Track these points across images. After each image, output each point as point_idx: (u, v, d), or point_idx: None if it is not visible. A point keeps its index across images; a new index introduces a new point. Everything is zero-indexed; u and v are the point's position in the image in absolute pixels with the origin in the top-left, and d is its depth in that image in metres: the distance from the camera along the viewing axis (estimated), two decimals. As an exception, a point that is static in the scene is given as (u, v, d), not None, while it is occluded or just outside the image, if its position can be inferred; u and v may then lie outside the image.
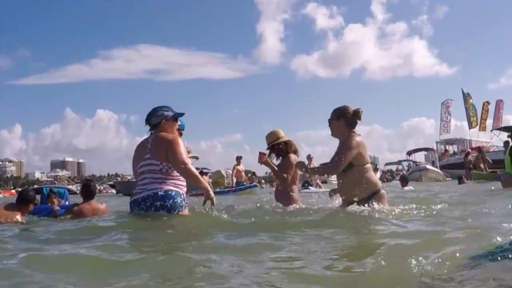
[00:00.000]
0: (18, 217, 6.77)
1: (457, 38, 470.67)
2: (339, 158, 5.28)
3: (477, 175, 22.27)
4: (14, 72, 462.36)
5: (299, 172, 6.84)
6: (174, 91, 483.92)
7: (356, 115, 5.44)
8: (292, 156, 6.65)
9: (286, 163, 6.65)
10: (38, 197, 8.56)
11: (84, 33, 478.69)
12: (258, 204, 7.29)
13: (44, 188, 8.98)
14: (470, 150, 31.04)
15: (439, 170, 27.64)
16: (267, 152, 6.74)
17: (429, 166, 28.81)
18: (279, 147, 6.69)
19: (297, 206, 6.42)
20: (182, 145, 5.09)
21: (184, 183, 5.23)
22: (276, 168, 6.62)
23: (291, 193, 6.59)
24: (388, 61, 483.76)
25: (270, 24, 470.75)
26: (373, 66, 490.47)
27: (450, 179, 26.26)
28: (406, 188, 14.28)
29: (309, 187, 18.19)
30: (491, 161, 24.29)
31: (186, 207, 5.17)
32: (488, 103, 43.26)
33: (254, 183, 23.79)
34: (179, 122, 5.54)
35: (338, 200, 5.85)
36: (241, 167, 22.63)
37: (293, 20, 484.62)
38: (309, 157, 18.35)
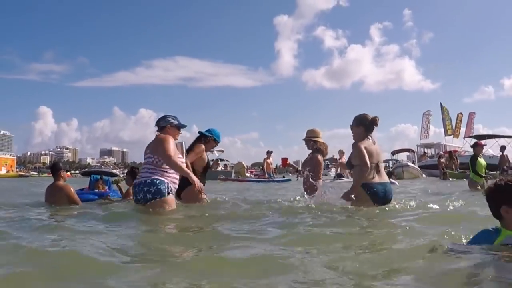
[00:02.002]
0: (76, 196, 6.63)
1: (440, 59, 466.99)
2: (362, 162, 5.10)
3: (450, 174, 22.14)
4: (73, 76, 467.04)
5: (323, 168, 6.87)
6: (204, 96, 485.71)
7: (373, 123, 5.38)
8: (320, 157, 6.67)
9: (314, 161, 6.67)
10: (86, 180, 8.62)
11: (131, 46, 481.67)
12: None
13: (92, 176, 8.90)
14: (442, 153, 30.78)
15: (418, 168, 27.43)
16: (287, 160, 6.76)
17: (410, 164, 28.56)
18: (315, 143, 6.68)
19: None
20: (171, 143, 5.28)
21: (174, 174, 5.32)
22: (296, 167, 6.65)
23: (316, 187, 6.48)
24: (382, 77, 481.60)
25: (286, 43, 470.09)
26: (369, 80, 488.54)
27: (425, 176, 26.08)
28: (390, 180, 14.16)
29: (342, 178, 17.97)
30: (458, 161, 24.48)
31: (170, 194, 5.24)
32: (461, 114, 43.19)
33: (288, 178, 23.49)
34: (176, 124, 5.63)
35: None
36: (270, 160, 22.19)
37: (305, 40, 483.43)
38: (340, 152, 17.62)
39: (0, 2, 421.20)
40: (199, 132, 6.44)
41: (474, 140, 30.88)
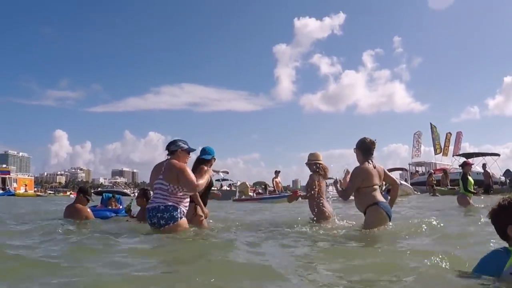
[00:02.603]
0: (90, 212, 6.96)
1: (429, 82, 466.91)
2: (348, 188, 5.27)
3: (440, 191, 22.11)
4: (87, 102, 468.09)
5: (324, 187, 6.65)
6: (208, 120, 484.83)
7: (372, 145, 5.38)
8: (316, 177, 6.52)
9: (310, 181, 6.61)
10: (98, 198, 8.79)
11: (140, 74, 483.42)
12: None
13: (104, 194, 8.99)
14: (433, 171, 30.76)
15: (410, 186, 27.36)
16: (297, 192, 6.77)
17: (403, 182, 28.50)
18: (317, 166, 6.55)
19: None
20: (189, 171, 5.25)
21: (186, 200, 5.27)
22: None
23: (322, 208, 6.38)
24: (375, 100, 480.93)
25: (285, 69, 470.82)
26: (363, 103, 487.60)
27: (418, 193, 25.99)
28: None
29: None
30: (449, 178, 24.10)
31: (182, 218, 5.16)
32: (450, 134, 43.02)
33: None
34: (186, 148, 5.47)
35: None
36: (278, 179, 21.70)
37: (302, 67, 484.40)
38: (346, 171, 17.45)
39: (19, 34, 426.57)
40: (199, 157, 6.21)
41: (462, 159, 31.02)
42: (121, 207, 8.19)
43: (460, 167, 11.80)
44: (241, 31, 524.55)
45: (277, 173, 21.79)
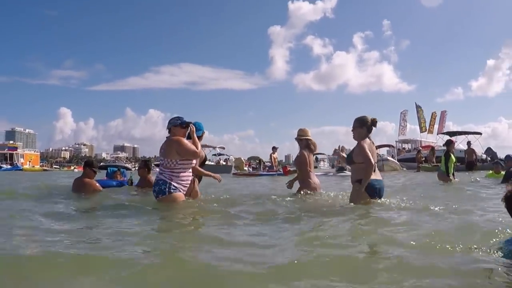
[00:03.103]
0: (98, 185, 7.06)
1: (415, 64, 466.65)
2: (367, 160, 4.98)
3: (424, 167, 22.29)
4: (90, 81, 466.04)
5: (312, 161, 6.82)
6: (206, 98, 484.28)
7: (373, 124, 5.26)
8: (305, 153, 6.63)
9: (302, 158, 6.67)
10: (103, 172, 9.06)
11: (141, 54, 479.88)
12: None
13: (109, 168, 9.37)
14: (421, 148, 30.92)
15: (397, 162, 27.55)
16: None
17: (390, 158, 28.69)
18: (306, 141, 6.67)
19: (308, 191, 6.42)
20: (185, 141, 5.27)
21: (182, 175, 5.26)
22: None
23: (308, 179, 6.58)
24: (364, 80, 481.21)
25: (279, 50, 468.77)
26: (353, 83, 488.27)
27: (405, 169, 26.20)
28: None
29: (344, 171, 17.35)
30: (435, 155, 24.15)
31: (172, 193, 5.14)
32: (435, 113, 43.11)
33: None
34: (179, 123, 5.42)
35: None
36: (275, 155, 21.61)
37: (296, 48, 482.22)
38: (343, 148, 17.18)
39: (26, 17, 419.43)
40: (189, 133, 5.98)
41: (446, 137, 31.13)
42: (125, 179, 8.62)
43: (444, 146, 11.77)
44: (238, 13, 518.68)
45: (274, 149, 21.61)
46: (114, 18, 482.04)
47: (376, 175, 5.12)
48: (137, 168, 9.70)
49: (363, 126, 5.23)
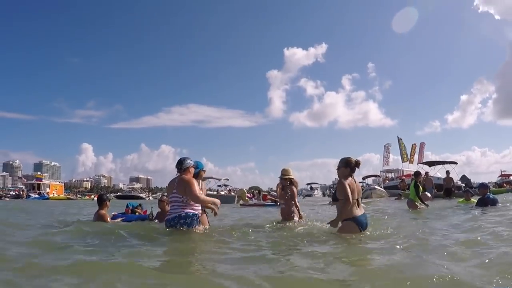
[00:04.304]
0: (108, 219, 6.97)
1: (397, 101, 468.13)
2: (346, 198, 4.90)
3: (405, 194, 22.06)
4: (109, 120, 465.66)
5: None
6: (211, 135, 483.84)
7: (357, 165, 5.20)
8: (295, 189, 6.89)
9: (292, 193, 6.83)
10: (120, 202, 8.91)
11: (154, 96, 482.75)
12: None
13: (129, 203, 9.13)
14: (403, 177, 30.80)
15: (383, 189, 27.38)
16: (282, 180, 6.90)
17: (377, 187, 28.53)
18: (291, 180, 6.86)
19: (297, 219, 6.64)
20: (195, 184, 5.17)
21: (199, 207, 5.28)
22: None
23: (293, 213, 6.75)
24: (352, 117, 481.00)
25: (276, 91, 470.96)
26: (342, 119, 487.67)
27: (388, 196, 26.00)
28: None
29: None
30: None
31: (199, 224, 5.19)
32: (415, 145, 43.16)
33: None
34: (193, 165, 5.46)
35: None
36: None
37: (291, 89, 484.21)
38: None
39: (52, 64, 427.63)
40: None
41: (426, 166, 31.09)
42: (142, 211, 8.52)
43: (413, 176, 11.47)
44: (240, 60, 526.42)
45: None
46: (130, 66, 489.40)
47: (360, 210, 5.05)
48: (150, 197, 9.60)
49: (347, 167, 5.18)
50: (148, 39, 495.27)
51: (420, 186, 10.54)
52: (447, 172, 23.05)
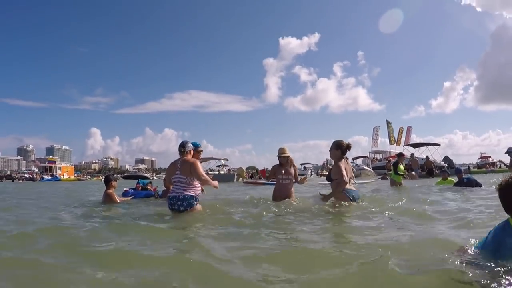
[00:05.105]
0: (115, 198, 6.98)
1: (385, 87, 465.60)
2: (341, 178, 5.07)
3: (389, 174, 22.15)
4: (116, 106, 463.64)
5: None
6: (211, 119, 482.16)
7: (348, 148, 5.26)
8: (295, 167, 6.57)
9: (295, 172, 6.53)
10: (127, 182, 9.04)
11: (157, 83, 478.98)
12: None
13: (140, 180, 9.25)
14: (390, 158, 30.91)
15: (371, 170, 27.49)
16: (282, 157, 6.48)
17: (365, 167, 28.66)
18: (288, 159, 6.40)
19: (294, 199, 6.30)
20: (199, 165, 5.20)
21: (199, 188, 5.26)
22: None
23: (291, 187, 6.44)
24: (343, 102, 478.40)
25: (272, 78, 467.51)
26: (333, 104, 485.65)
27: (376, 176, 26.13)
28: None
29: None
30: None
31: (198, 204, 5.17)
32: (402, 128, 43.13)
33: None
34: (193, 148, 5.49)
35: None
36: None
37: (286, 76, 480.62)
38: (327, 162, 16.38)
39: (62, 53, 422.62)
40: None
41: (411, 148, 31.23)
42: (157, 189, 8.51)
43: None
44: (238, 49, 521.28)
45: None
46: (135, 54, 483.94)
47: (351, 187, 5.21)
48: (154, 177, 9.82)
49: (338, 149, 5.25)
50: (150, 26, 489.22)
51: (402, 166, 10.62)
52: (427, 157, 23.87)
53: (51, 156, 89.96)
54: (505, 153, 10.37)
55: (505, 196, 2.04)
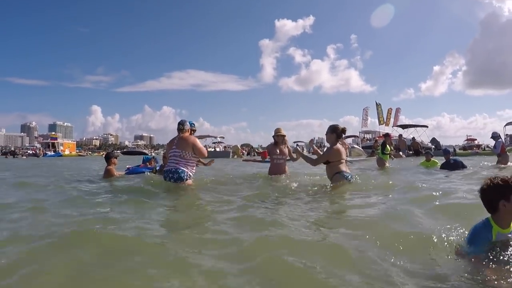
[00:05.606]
0: (115, 172, 7.01)
1: (377, 70, 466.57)
2: (320, 157, 5.19)
3: (376, 152, 22.25)
4: (116, 84, 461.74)
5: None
6: (208, 97, 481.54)
7: (343, 131, 5.22)
8: (288, 148, 6.56)
9: (289, 150, 6.54)
10: (127, 157, 8.95)
11: (157, 63, 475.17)
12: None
13: (144, 156, 9.34)
14: (377, 138, 31.01)
15: (361, 148, 27.57)
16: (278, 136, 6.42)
17: (355, 146, 28.70)
18: (283, 138, 6.45)
19: (289, 175, 6.34)
20: (198, 141, 5.45)
21: (193, 164, 5.41)
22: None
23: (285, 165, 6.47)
24: (336, 83, 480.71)
25: (268, 59, 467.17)
26: (326, 85, 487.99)
27: (366, 154, 26.22)
28: None
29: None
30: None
31: (188, 179, 5.27)
32: (391, 109, 42.77)
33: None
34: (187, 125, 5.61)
35: None
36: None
37: (281, 57, 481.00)
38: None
39: (64, 33, 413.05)
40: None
41: (400, 129, 31.31)
42: (156, 163, 8.42)
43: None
44: (235, 30, 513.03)
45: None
46: (136, 34, 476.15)
47: (347, 169, 5.21)
48: (152, 153, 9.72)
49: (333, 133, 5.22)
50: (150, 7, 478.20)
51: (388, 146, 10.59)
52: (413, 138, 24.05)
53: (53, 133, 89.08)
54: (490, 137, 10.40)
55: (486, 197, 2.13)
